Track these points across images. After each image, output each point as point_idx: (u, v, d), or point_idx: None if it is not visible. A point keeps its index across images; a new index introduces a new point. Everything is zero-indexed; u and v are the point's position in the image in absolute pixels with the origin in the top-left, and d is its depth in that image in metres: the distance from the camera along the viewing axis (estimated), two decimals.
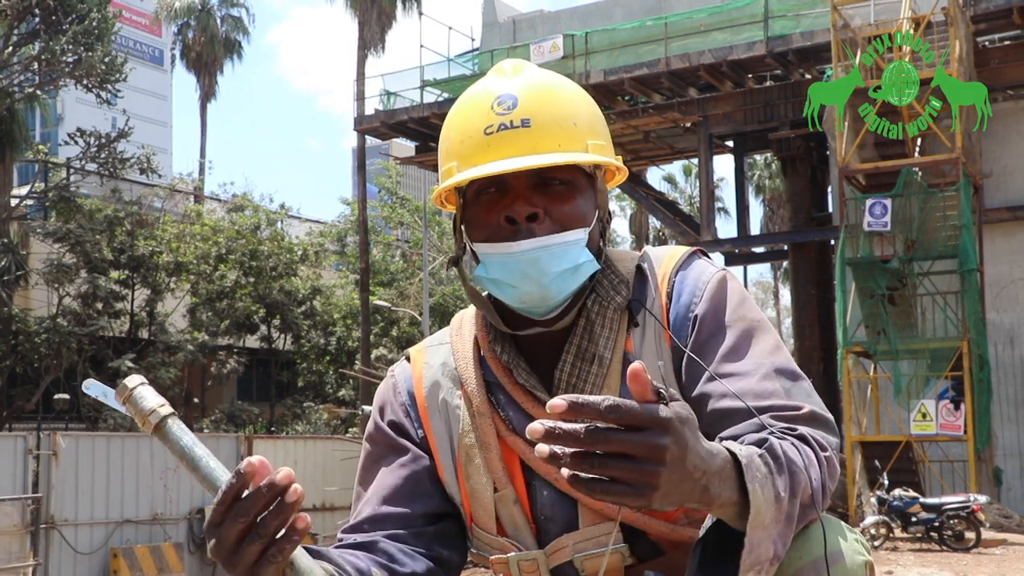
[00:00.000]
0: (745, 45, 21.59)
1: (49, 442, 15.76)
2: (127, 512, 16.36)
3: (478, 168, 1.62)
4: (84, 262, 26.67)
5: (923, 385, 18.28)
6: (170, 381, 27.27)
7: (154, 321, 28.90)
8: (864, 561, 1.51)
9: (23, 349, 25.66)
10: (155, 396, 1.38)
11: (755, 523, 1.32)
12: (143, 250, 27.86)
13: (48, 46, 25.10)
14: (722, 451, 1.32)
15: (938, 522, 14.75)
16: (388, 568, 1.61)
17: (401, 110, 25.61)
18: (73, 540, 15.59)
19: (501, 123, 1.63)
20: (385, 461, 1.76)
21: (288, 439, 21.88)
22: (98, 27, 25.30)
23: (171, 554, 16.56)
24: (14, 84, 26.05)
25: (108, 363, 26.43)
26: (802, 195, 24.78)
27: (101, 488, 16.12)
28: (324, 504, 18.88)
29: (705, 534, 1.40)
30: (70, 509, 15.66)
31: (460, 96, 1.76)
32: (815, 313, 23.82)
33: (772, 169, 40.74)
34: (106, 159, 26.76)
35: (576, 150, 1.65)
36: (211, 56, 43.27)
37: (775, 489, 1.35)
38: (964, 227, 17.94)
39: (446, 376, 1.78)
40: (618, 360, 1.69)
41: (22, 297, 27.25)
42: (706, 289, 1.69)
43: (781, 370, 1.60)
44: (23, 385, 26.81)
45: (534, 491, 1.70)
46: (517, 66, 1.71)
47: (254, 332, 32.00)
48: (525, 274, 1.62)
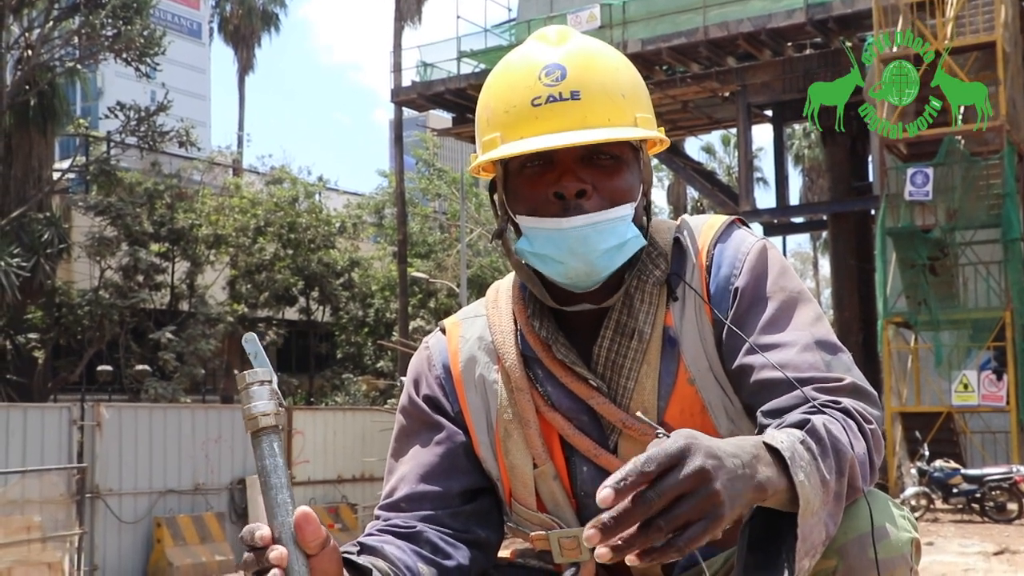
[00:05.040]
0: (784, 13, 21.37)
1: (93, 413, 15.93)
2: (170, 482, 16.54)
3: (528, 141, 1.58)
4: (125, 235, 26.87)
5: (964, 356, 18.16)
6: (210, 353, 27.49)
7: (194, 293, 29.10)
8: (910, 538, 1.49)
9: (66, 321, 25.95)
10: (267, 400, 1.36)
11: (805, 512, 1.30)
12: (183, 223, 28.03)
13: (88, 20, 25.23)
14: (747, 439, 1.31)
15: (979, 493, 14.68)
16: (434, 563, 1.60)
17: (438, 81, 25.58)
18: (117, 509, 15.78)
19: (550, 95, 1.59)
20: (420, 437, 1.75)
21: (327, 410, 22.01)
22: (136, 1, 25.40)
23: (213, 523, 16.74)
24: (55, 58, 26.22)
25: (149, 335, 26.69)
26: (842, 165, 24.60)
27: (144, 458, 16.30)
28: (363, 475, 19.02)
29: (752, 514, 1.37)
30: (114, 479, 15.84)
31: (500, 62, 1.71)
32: (855, 284, 23.66)
33: (812, 139, 40.41)
34: (146, 132, 26.89)
35: (625, 124, 1.62)
36: (249, 29, 43.40)
37: (821, 473, 1.33)
38: (1007, 196, 17.75)
39: (482, 350, 1.76)
40: (658, 335, 1.67)
41: (65, 270, 27.54)
42: (746, 260, 1.67)
43: (821, 342, 1.58)
44: (67, 357, 27.11)
45: (574, 467, 1.69)
46: (562, 33, 1.67)
47: (293, 304, 32.15)
48: (573, 250, 1.60)
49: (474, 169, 1.71)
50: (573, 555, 1.68)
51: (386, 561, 1.53)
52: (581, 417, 1.67)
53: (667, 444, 1.19)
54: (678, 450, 1.18)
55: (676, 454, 1.18)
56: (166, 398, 24.37)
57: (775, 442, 1.31)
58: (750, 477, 1.24)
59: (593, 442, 1.66)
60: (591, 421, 1.67)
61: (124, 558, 15.85)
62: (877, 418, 1.51)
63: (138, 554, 16.02)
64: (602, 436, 1.66)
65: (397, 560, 1.55)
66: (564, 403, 1.68)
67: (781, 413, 1.50)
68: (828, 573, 1.43)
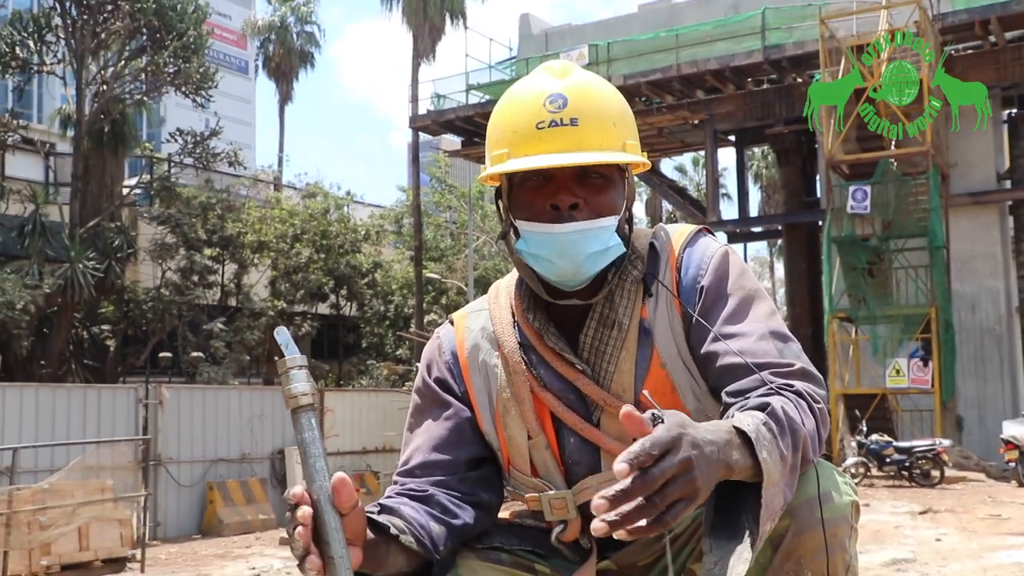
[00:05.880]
0: (745, 53, 21.36)
1: (155, 393, 15.96)
2: (220, 452, 16.55)
3: (531, 159, 1.58)
4: (182, 241, 26.87)
5: (897, 346, 18.17)
6: (254, 342, 27.49)
7: (241, 291, 29.10)
8: (851, 501, 1.49)
9: (133, 315, 25.95)
10: (304, 382, 1.35)
11: (768, 484, 1.30)
12: (231, 231, 28.01)
13: (153, 59, 25.25)
14: (721, 424, 1.31)
15: (908, 462, 14.68)
16: (444, 522, 1.60)
17: (449, 110, 25.54)
18: (176, 475, 15.79)
19: (552, 120, 1.59)
20: (432, 413, 1.74)
21: (354, 391, 22.00)
22: (194, 43, 25.41)
23: (257, 488, 16.75)
24: (125, 92, 26.23)
25: (203, 326, 26.67)
26: (794, 182, 24.55)
27: (199, 431, 16.31)
28: (385, 447, 19.03)
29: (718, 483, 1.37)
30: (173, 449, 15.86)
31: (510, 89, 1.69)
32: (805, 284, 23.64)
33: (768, 160, 40.36)
34: (200, 154, 26.90)
35: (615, 148, 1.61)
36: (288, 66, 43.30)
37: (780, 450, 1.34)
38: (933, 210, 17.76)
39: (485, 339, 1.75)
40: (635, 326, 1.66)
41: (132, 271, 27.54)
42: (711, 263, 1.66)
43: (775, 333, 1.58)
44: (133, 345, 27.12)
45: (563, 438, 1.68)
46: (565, 67, 1.66)
47: (325, 300, 32.13)
48: (563, 252, 1.59)
49: (483, 178, 1.70)
50: (561, 514, 1.68)
51: (403, 520, 1.52)
52: (569, 396, 1.66)
53: (662, 431, 1.20)
54: (672, 439, 1.19)
55: (672, 440, 1.19)
56: (217, 380, 24.36)
57: (743, 426, 1.31)
58: (723, 461, 1.26)
59: (579, 417, 1.65)
60: (578, 400, 1.66)
61: (182, 516, 15.87)
62: (823, 398, 1.51)
63: (194, 513, 16.04)
64: (587, 412, 1.66)
65: (412, 519, 1.54)
66: (554, 384, 1.67)
67: (742, 394, 1.50)
68: (781, 531, 1.43)
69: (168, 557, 12.69)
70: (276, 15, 43.69)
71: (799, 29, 20.96)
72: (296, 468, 16.98)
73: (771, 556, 1.44)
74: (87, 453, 12.24)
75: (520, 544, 1.70)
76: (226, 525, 15.68)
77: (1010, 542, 7.77)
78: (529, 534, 1.73)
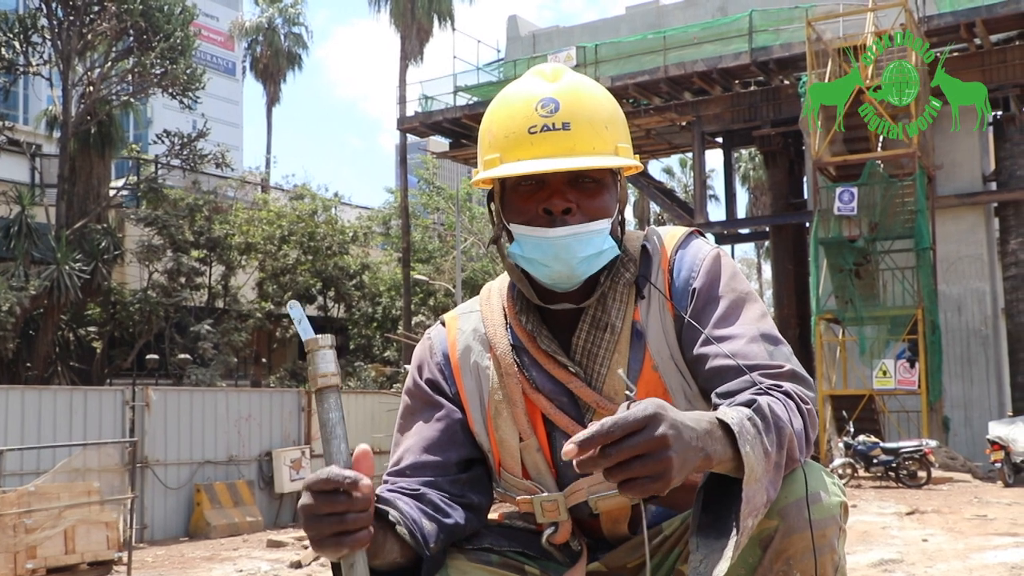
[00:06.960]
0: (732, 55, 21.42)
1: (142, 395, 15.86)
2: (207, 454, 16.47)
3: (524, 164, 1.57)
4: (170, 243, 26.77)
5: (884, 347, 18.24)
6: (242, 343, 27.40)
7: (228, 293, 29.00)
8: (839, 502, 1.49)
9: (120, 317, 25.84)
10: (332, 363, 1.36)
11: (749, 479, 1.31)
12: (218, 232, 27.92)
13: (140, 61, 25.14)
14: (704, 415, 1.31)
15: (895, 463, 14.73)
16: (435, 519, 1.59)
17: (437, 112, 25.54)
18: (163, 477, 15.72)
19: (544, 124, 1.58)
20: (423, 414, 1.74)
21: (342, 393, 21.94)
22: (181, 44, 25.31)
23: (244, 489, 16.67)
24: (112, 93, 26.12)
25: (190, 328, 26.58)
26: (781, 184, 24.63)
27: (186, 434, 16.23)
28: (373, 448, 18.76)
29: (706, 480, 1.38)
30: (160, 451, 15.78)
31: (502, 92, 1.68)
32: (792, 285, 23.71)
33: (756, 162, 40.48)
34: (187, 156, 26.81)
35: (607, 152, 1.61)
36: (275, 67, 43.21)
37: (764, 446, 1.34)
38: (919, 212, 17.83)
39: (477, 340, 1.75)
40: (627, 328, 1.66)
41: (119, 273, 27.41)
42: (703, 265, 1.67)
43: (766, 335, 1.58)
44: (120, 347, 26.99)
45: (554, 441, 1.68)
46: (557, 71, 1.65)
47: (312, 302, 32.05)
48: (557, 256, 1.59)
49: (476, 182, 1.69)
50: (553, 516, 1.68)
51: (398, 512, 1.52)
52: (561, 398, 1.66)
53: (635, 410, 1.21)
54: (644, 417, 1.20)
55: (641, 420, 1.20)
56: (204, 382, 24.28)
57: (726, 418, 1.32)
58: (701, 449, 1.26)
59: (571, 419, 1.65)
60: (570, 402, 1.66)
61: (169, 518, 15.79)
62: (812, 399, 1.51)
63: (181, 515, 15.96)
64: (579, 414, 1.66)
65: (406, 513, 1.54)
66: (546, 386, 1.67)
67: (732, 395, 1.50)
68: (770, 531, 1.43)
69: (155, 560, 12.63)
70: (264, 16, 43.61)
71: (786, 31, 21.04)
72: (284, 470, 16.94)
73: (760, 557, 1.44)
74: (73, 455, 12.17)
75: (510, 546, 1.69)
76: (213, 527, 15.61)
77: (996, 542, 7.81)
78: (519, 536, 1.72)
